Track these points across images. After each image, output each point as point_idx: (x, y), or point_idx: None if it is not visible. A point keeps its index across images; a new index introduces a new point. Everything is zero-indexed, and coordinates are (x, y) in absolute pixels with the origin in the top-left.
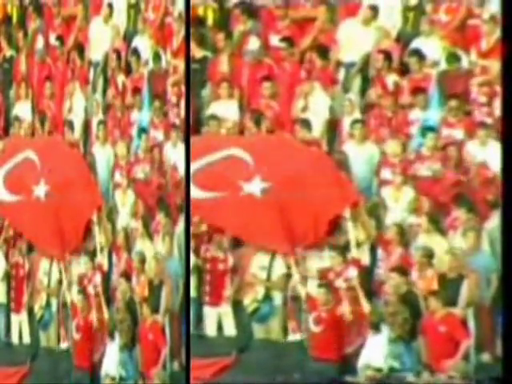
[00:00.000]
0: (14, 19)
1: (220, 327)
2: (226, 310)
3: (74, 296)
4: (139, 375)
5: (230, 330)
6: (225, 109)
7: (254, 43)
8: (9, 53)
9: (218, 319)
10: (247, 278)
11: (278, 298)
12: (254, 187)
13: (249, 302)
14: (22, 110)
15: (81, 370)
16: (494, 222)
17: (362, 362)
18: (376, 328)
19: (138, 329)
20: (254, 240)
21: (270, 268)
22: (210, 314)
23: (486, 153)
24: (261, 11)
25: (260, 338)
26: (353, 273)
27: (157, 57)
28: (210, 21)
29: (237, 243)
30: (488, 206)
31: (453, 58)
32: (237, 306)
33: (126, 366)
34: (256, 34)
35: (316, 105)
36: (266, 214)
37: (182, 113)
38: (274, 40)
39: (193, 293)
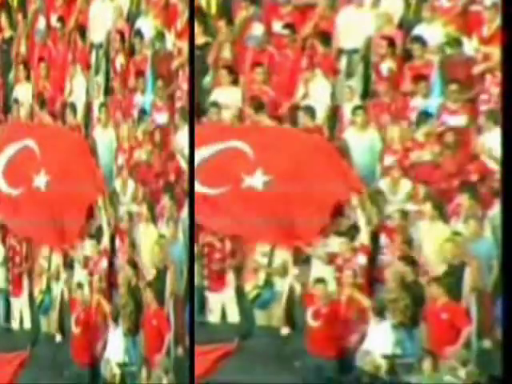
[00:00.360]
0: (15, 0)
1: (223, 314)
2: (228, 297)
3: (73, 289)
4: (143, 361)
5: (233, 316)
6: (226, 95)
7: (256, 29)
8: (8, 34)
9: (221, 306)
10: (249, 264)
11: (279, 284)
12: (256, 180)
13: (250, 288)
14: (22, 92)
15: (80, 365)
16: (497, 209)
17: (364, 348)
18: (380, 315)
19: (142, 314)
20: (255, 239)
21: (271, 254)
22: (213, 301)
23: (488, 140)
24: None
25: (262, 324)
26: (362, 259)
27: (161, 37)
28: (212, 7)
29: None
30: (490, 194)
31: (455, 44)
32: (238, 292)
33: (130, 352)
34: (258, 20)
35: (317, 92)
36: (268, 208)
37: (186, 96)
38: (277, 26)
39: (196, 279)
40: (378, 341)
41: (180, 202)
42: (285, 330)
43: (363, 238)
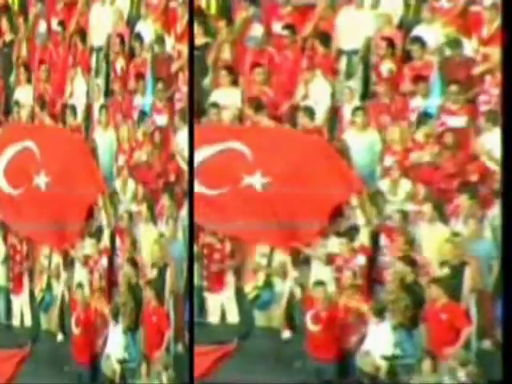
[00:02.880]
0: (15, 4)
1: (222, 314)
2: (227, 297)
3: (73, 289)
4: (142, 357)
5: (233, 317)
6: (226, 96)
7: (256, 30)
8: (9, 37)
9: (220, 306)
10: (248, 265)
11: (278, 284)
12: (255, 181)
13: (250, 289)
14: (23, 94)
15: (80, 365)
16: (496, 209)
17: (363, 349)
18: (380, 316)
19: (142, 312)
20: (254, 240)
21: (270, 255)
22: (212, 301)
23: (488, 140)
24: None
25: (261, 325)
26: (361, 260)
27: (160, 41)
28: (212, 8)
29: None
30: (490, 194)
31: (454, 44)
32: (238, 293)
33: (130, 349)
34: (258, 20)
35: (318, 92)
36: (267, 209)
37: (185, 98)
38: (277, 27)
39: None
40: (378, 342)
41: (179, 201)
42: (285, 333)
43: (363, 238)
